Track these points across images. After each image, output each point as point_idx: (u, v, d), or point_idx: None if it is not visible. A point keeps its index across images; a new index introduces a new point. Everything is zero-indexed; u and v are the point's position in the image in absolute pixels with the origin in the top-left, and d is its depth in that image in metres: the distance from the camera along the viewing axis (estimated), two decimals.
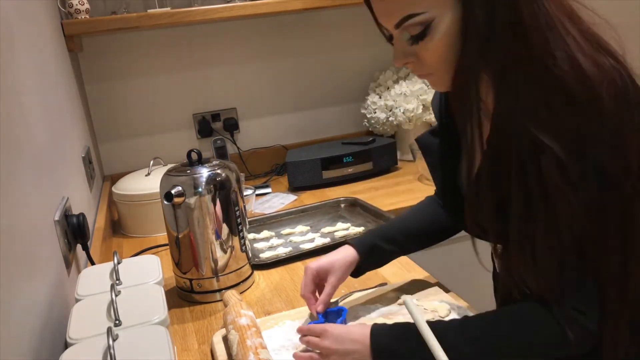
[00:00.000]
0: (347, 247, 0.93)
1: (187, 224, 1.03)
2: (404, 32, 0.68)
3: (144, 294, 0.77)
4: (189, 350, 0.91)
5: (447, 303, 0.92)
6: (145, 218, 1.45)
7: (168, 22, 1.56)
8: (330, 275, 0.89)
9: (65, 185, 1.05)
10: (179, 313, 1.04)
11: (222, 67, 1.88)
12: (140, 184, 1.47)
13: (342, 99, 2.04)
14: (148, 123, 1.84)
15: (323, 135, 2.03)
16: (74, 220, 0.98)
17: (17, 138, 0.76)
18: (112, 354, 0.59)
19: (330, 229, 1.35)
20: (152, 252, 1.33)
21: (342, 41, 1.98)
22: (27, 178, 0.78)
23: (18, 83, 0.83)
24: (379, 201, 1.49)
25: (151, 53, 1.80)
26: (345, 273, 0.91)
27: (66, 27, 1.47)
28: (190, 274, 1.06)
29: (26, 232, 0.72)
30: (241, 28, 1.87)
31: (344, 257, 0.91)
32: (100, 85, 1.78)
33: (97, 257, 1.09)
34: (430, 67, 0.69)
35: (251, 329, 0.83)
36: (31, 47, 1.00)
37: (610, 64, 0.63)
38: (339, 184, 1.71)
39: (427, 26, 0.65)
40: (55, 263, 0.85)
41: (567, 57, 0.62)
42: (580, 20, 0.66)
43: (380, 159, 1.76)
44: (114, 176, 1.75)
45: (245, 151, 1.94)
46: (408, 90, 1.79)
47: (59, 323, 0.78)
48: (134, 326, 0.68)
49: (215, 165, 1.05)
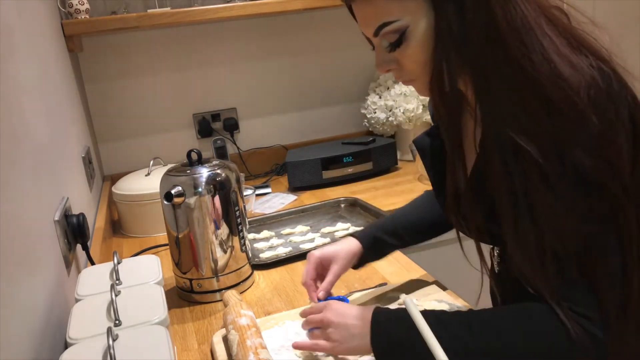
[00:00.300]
0: (350, 239, 0.94)
1: (187, 224, 1.03)
2: (383, 39, 0.69)
3: (143, 294, 0.77)
4: (189, 350, 0.91)
5: (446, 302, 0.92)
6: (145, 218, 1.45)
7: (168, 22, 1.56)
8: (334, 263, 0.90)
9: (65, 185, 1.05)
10: (179, 313, 1.04)
11: (222, 67, 1.88)
12: (140, 184, 1.47)
13: (342, 99, 2.04)
14: (148, 123, 1.84)
15: (323, 135, 2.03)
16: (74, 220, 0.98)
17: (17, 138, 0.76)
18: (112, 354, 0.59)
19: (330, 229, 1.35)
20: (152, 252, 1.33)
21: (342, 41, 1.98)
22: (27, 178, 0.78)
23: (18, 83, 0.83)
24: (379, 201, 1.49)
25: (151, 53, 1.80)
26: (348, 263, 0.92)
27: (66, 27, 1.47)
28: (190, 274, 1.06)
29: (26, 232, 0.72)
30: (241, 28, 1.87)
31: (349, 247, 0.92)
32: (100, 85, 1.78)
33: (97, 257, 1.09)
34: (411, 73, 0.70)
35: (251, 329, 0.83)
36: (31, 47, 1.00)
37: (590, 64, 0.62)
38: (339, 184, 1.71)
39: (403, 33, 0.67)
40: (55, 263, 0.85)
41: (544, 59, 0.62)
42: (559, 20, 0.66)
43: (380, 159, 1.76)
44: (114, 176, 1.75)
45: (245, 151, 1.94)
46: (408, 90, 1.79)
47: (59, 323, 0.78)
48: (134, 326, 0.68)
49: (215, 165, 1.05)
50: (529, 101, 0.62)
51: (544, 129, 0.62)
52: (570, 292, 0.64)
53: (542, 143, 0.62)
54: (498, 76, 0.64)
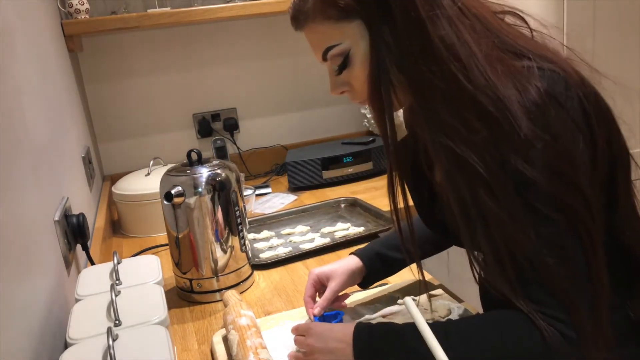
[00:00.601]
0: (351, 256, 0.95)
1: (187, 224, 1.03)
2: (331, 63, 0.73)
3: (143, 294, 0.77)
4: (189, 350, 0.91)
5: (447, 303, 0.92)
6: (145, 218, 1.45)
7: (168, 22, 1.56)
8: (331, 280, 0.91)
9: (65, 185, 1.05)
10: (179, 313, 1.04)
11: (222, 67, 1.88)
12: (140, 184, 1.47)
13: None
14: (148, 123, 1.85)
15: (323, 135, 2.03)
16: (74, 220, 0.98)
17: (17, 138, 0.76)
18: (112, 354, 0.59)
19: (330, 229, 1.35)
20: (152, 252, 1.33)
21: None
22: (27, 178, 0.78)
23: (18, 83, 0.83)
24: (379, 201, 1.49)
25: (151, 53, 1.80)
26: (346, 280, 0.92)
27: (66, 27, 1.47)
28: (190, 274, 1.06)
29: (26, 232, 0.72)
30: (241, 28, 1.87)
31: (347, 265, 0.93)
32: (100, 85, 1.78)
33: (97, 257, 1.09)
34: (362, 94, 0.72)
35: (251, 329, 0.83)
36: (31, 47, 1.00)
37: (530, 67, 0.63)
38: (339, 184, 1.71)
39: (346, 56, 0.71)
40: (55, 263, 0.85)
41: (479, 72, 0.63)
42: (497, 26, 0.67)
43: (380, 159, 1.76)
44: (114, 176, 1.75)
45: (245, 151, 1.94)
46: None
47: (59, 323, 0.78)
48: (133, 326, 0.68)
49: (215, 165, 1.05)
50: (466, 112, 0.63)
51: (482, 138, 0.63)
52: (538, 295, 0.63)
53: (482, 153, 0.63)
54: (434, 89, 0.65)
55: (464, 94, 0.63)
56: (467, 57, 0.63)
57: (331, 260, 1.18)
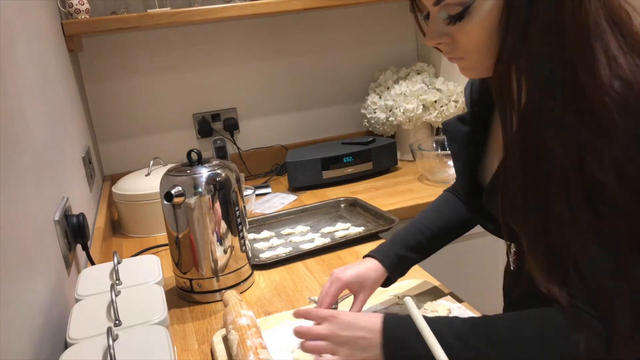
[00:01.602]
0: (374, 262, 0.90)
1: (187, 224, 1.03)
2: (442, 10, 0.66)
3: (143, 294, 0.77)
4: (189, 350, 0.91)
5: (447, 303, 0.92)
6: (145, 218, 1.45)
7: (168, 22, 1.56)
8: (362, 292, 0.88)
9: (65, 185, 1.05)
10: (179, 313, 1.04)
11: (222, 67, 1.88)
12: (140, 184, 1.47)
13: (342, 99, 2.04)
14: (148, 123, 1.85)
15: (323, 135, 2.03)
16: (74, 220, 0.98)
17: (17, 138, 0.76)
18: (112, 354, 0.59)
19: (330, 229, 1.35)
20: (152, 252, 1.33)
21: (342, 41, 1.98)
22: (27, 178, 0.78)
23: (18, 83, 0.83)
24: (379, 201, 1.49)
25: (151, 53, 1.80)
26: (374, 290, 0.90)
27: (66, 27, 1.47)
28: (190, 274, 1.06)
29: (26, 232, 0.72)
30: (241, 28, 1.87)
31: (375, 275, 0.89)
32: (100, 85, 1.78)
33: (97, 257, 1.09)
34: (464, 50, 0.68)
35: (251, 329, 0.83)
36: (31, 47, 1.00)
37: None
38: (339, 184, 1.71)
39: (467, 7, 0.64)
40: (55, 263, 0.85)
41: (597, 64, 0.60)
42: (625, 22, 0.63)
43: (380, 159, 1.76)
44: (114, 176, 1.75)
45: (245, 151, 1.94)
46: (408, 90, 1.79)
47: (59, 323, 0.78)
48: (134, 326, 0.68)
49: (215, 165, 1.05)
50: (572, 104, 0.60)
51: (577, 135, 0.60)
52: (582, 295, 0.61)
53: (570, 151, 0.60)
54: (550, 72, 0.62)
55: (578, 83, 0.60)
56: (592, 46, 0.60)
57: (331, 260, 1.19)
